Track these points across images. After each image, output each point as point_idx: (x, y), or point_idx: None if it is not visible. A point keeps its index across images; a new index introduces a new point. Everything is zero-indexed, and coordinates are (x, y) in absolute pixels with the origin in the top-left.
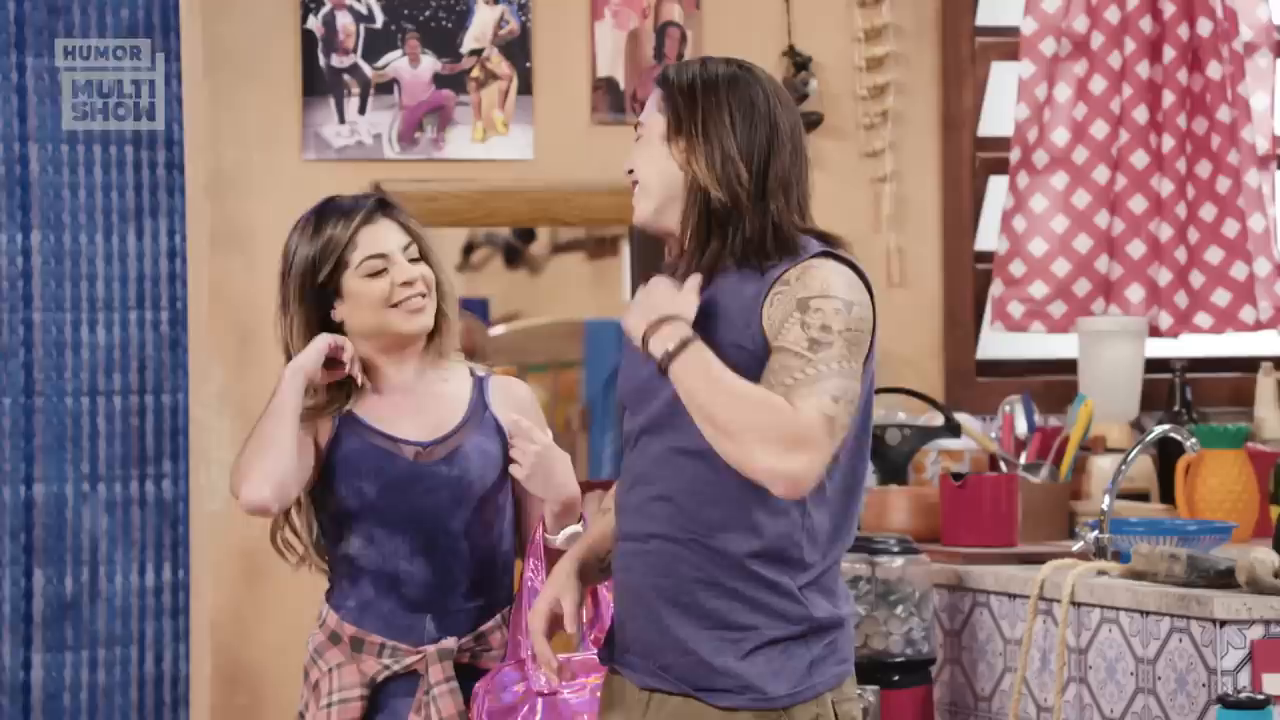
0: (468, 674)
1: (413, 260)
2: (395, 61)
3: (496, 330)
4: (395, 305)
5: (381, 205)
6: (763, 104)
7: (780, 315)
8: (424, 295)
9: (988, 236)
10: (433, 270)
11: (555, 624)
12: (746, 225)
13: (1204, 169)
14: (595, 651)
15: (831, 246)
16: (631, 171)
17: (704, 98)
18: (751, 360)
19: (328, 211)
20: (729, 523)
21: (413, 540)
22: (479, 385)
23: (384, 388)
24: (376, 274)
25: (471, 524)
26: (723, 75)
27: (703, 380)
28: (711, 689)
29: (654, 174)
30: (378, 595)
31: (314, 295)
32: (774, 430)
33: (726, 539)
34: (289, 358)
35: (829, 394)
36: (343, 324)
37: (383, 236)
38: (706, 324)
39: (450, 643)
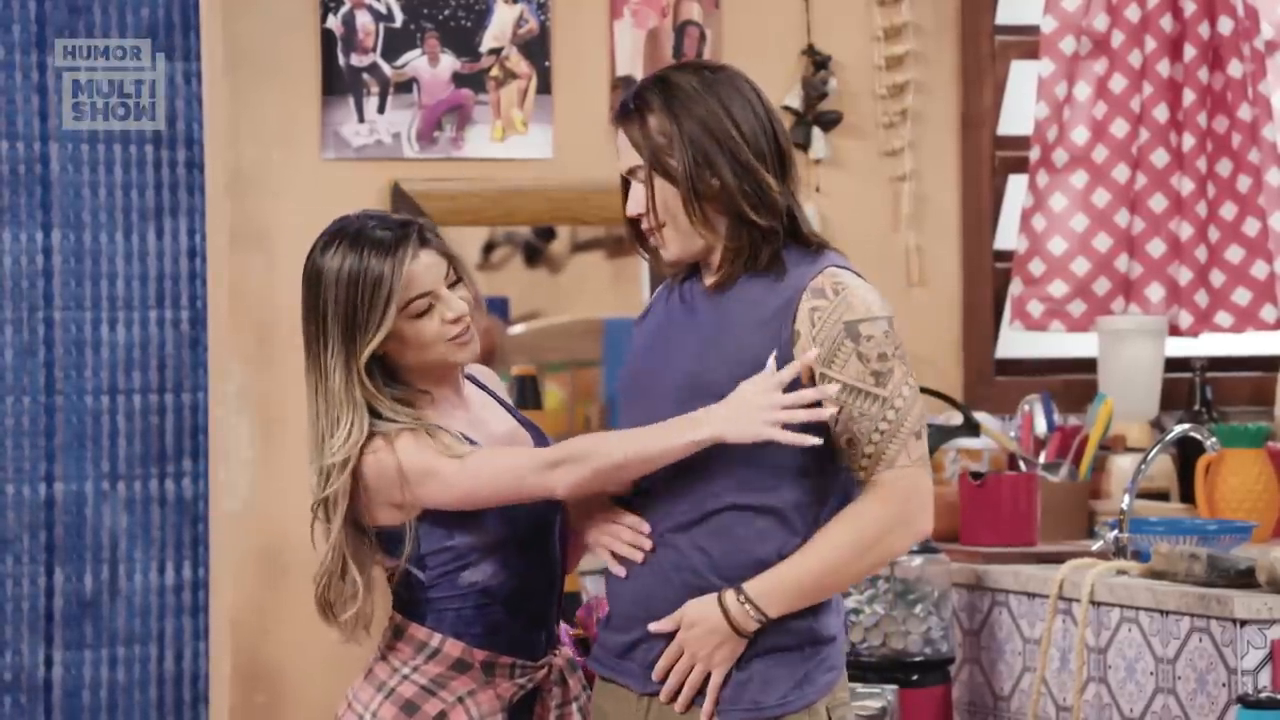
0: None
1: (451, 284)
2: (414, 60)
3: (516, 329)
4: (448, 340)
5: (421, 237)
6: (748, 91)
7: (828, 339)
8: (469, 328)
9: (1007, 235)
10: (469, 287)
11: None
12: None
13: (1224, 168)
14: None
15: (831, 251)
16: (639, 219)
17: (696, 107)
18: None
19: (363, 242)
20: (734, 531)
21: (539, 555)
22: (473, 381)
23: (447, 409)
24: (423, 314)
25: (561, 527)
26: (697, 78)
27: (806, 589)
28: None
29: (677, 210)
30: (509, 617)
31: (354, 330)
32: (879, 534)
33: (730, 546)
34: (319, 389)
35: (913, 432)
36: (385, 356)
37: (426, 273)
38: (721, 337)
39: (568, 652)
